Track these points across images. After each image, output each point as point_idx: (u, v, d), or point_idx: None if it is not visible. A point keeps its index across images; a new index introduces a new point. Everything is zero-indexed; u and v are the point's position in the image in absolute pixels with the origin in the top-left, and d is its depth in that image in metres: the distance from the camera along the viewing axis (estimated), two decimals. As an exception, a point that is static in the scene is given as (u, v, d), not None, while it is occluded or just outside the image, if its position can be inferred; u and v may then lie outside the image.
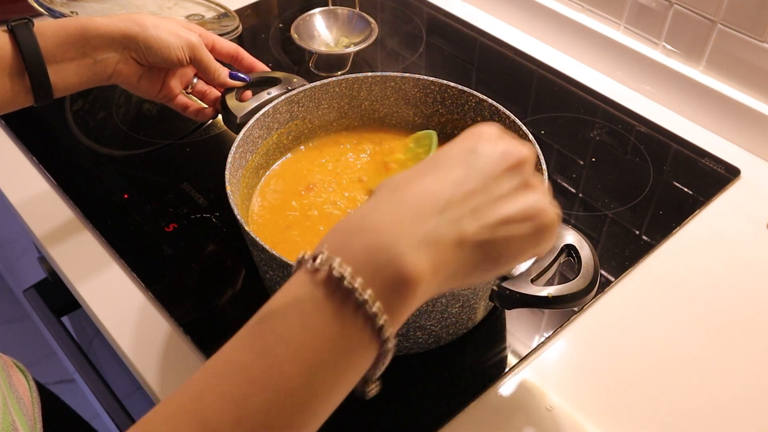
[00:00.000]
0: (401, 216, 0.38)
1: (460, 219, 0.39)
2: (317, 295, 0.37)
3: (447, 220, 0.39)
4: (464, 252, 0.39)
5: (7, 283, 1.81)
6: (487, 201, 0.40)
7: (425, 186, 0.40)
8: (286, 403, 0.35)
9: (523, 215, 0.41)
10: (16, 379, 0.65)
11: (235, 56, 0.78)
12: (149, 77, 0.72)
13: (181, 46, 0.70)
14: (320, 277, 0.37)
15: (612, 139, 0.89)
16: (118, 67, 0.69)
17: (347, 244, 0.38)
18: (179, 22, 0.72)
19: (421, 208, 0.39)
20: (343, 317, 0.36)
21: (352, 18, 1.03)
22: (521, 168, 0.42)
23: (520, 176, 0.42)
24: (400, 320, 0.38)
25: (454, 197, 0.40)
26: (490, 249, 0.40)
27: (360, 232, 0.38)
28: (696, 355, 0.67)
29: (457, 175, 0.40)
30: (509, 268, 0.43)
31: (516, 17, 1.08)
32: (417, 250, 0.37)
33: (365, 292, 0.36)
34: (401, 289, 0.37)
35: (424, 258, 0.37)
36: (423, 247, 0.38)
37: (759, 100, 0.87)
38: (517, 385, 0.65)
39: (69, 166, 0.86)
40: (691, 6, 0.87)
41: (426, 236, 0.38)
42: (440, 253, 0.38)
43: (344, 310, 0.36)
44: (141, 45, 0.68)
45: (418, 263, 0.37)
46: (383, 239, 0.37)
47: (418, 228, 0.38)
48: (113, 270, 0.74)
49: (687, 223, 0.79)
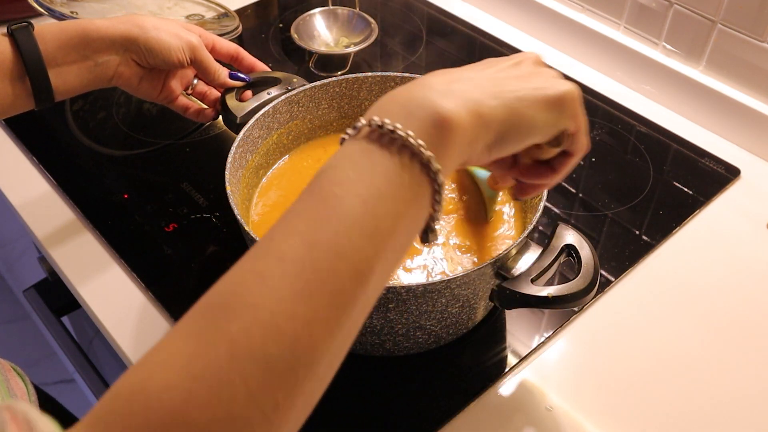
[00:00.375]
0: (428, 83, 0.42)
1: (483, 83, 0.43)
2: (363, 145, 0.39)
3: (472, 84, 0.42)
4: (495, 106, 0.42)
5: (7, 283, 1.81)
6: (508, 76, 0.44)
7: (446, 74, 0.44)
8: (353, 232, 0.36)
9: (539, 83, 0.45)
10: (14, 383, 0.65)
11: (235, 56, 0.78)
12: (150, 79, 0.72)
13: (182, 47, 0.70)
14: (363, 133, 0.39)
15: (612, 139, 0.89)
16: (119, 69, 0.69)
17: (382, 109, 0.40)
18: (179, 24, 0.72)
19: (446, 76, 0.43)
20: (390, 156, 0.38)
21: (352, 18, 1.03)
22: (538, 62, 0.47)
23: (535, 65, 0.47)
24: (447, 159, 0.40)
25: (476, 74, 0.44)
26: (517, 107, 0.43)
27: (392, 99, 0.41)
28: (696, 355, 0.67)
29: (476, 67, 0.46)
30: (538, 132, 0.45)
31: (516, 17, 1.08)
32: (448, 96, 0.40)
33: (406, 131, 0.38)
34: (439, 127, 0.39)
35: (454, 102, 0.40)
36: (453, 95, 0.40)
37: (759, 100, 0.87)
38: (517, 385, 0.65)
39: (69, 166, 0.86)
40: (691, 6, 0.87)
41: (455, 90, 0.41)
42: (471, 103, 0.41)
43: (390, 150, 0.38)
44: (142, 47, 0.68)
45: (451, 105, 0.40)
46: (414, 95, 0.40)
47: (446, 86, 0.41)
48: (113, 270, 0.74)
49: (687, 223, 0.79)
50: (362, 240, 0.36)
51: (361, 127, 0.39)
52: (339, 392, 0.64)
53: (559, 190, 0.82)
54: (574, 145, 0.48)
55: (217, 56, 0.76)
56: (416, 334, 0.62)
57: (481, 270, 0.56)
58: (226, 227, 0.77)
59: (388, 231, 0.37)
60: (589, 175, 0.84)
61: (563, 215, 0.80)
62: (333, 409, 0.63)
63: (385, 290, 0.55)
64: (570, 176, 0.84)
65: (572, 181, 0.83)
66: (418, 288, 0.55)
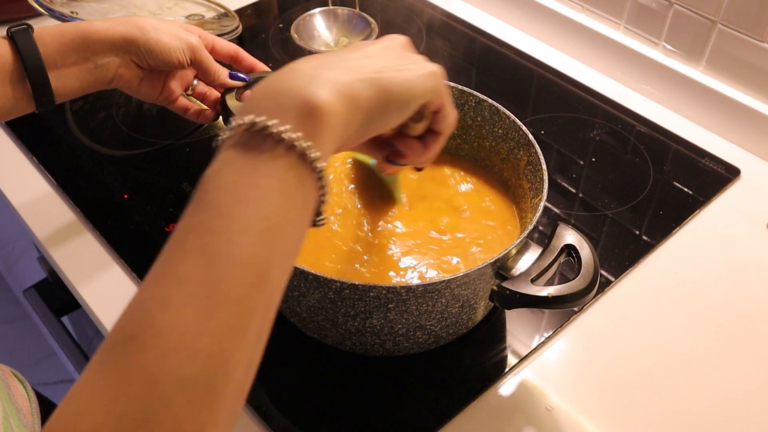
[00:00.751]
0: (297, 70, 0.42)
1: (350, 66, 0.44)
2: (240, 146, 0.38)
3: (341, 68, 0.43)
4: (363, 87, 0.43)
5: (7, 283, 1.81)
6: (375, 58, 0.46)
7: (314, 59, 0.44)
8: (245, 238, 0.36)
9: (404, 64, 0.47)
10: (15, 389, 0.64)
11: (234, 57, 0.78)
12: (150, 80, 0.72)
13: (182, 48, 0.70)
14: (238, 133, 0.39)
15: (612, 139, 0.89)
16: (119, 71, 0.69)
17: (254, 106, 0.40)
18: (178, 24, 0.72)
19: (314, 61, 0.43)
20: (269, 153, 0.38)
21: (352, 18, 1.03)
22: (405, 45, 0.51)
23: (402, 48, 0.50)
24: (324, 145, 0.40)
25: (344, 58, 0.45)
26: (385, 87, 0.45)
27: (262, 93, 0.41)
28: (696, 354, 0.67)
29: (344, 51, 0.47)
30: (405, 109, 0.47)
31: (516, 17, 1.08)
32: (317, 82, 0.41)
33: (279, 127, 0.38)
34: (312, 115, 0.39)
35: (324, 88, 0.40)
36: (322, 81, 0.41)
37: (759, 100, 0.87)
38: (517, 385, 0.65)
39: (69, 167, 0.86)
40: (691, 6, 0.87)
41: (324, 75, 0.41)
42: (341, 86, 0.41)
43: (267, 147, 0.38)
44: (142, 48, 0.68)
45: (321, 92, 0.40)
46: (283, 85, 0.41)
47: (315, 71, 0.42)
48: (113, 270, 0.74)
49: (687, 223, 0.79)
50: (256, 243, 0.36)
51: (235, 128, 0.39)
52: (339, 392, 0.64)
53: (559, 190, 0.83)
54: (441, 123, 0.53)
55: (216, 57, 0.76)
56: (416, 334, 0.62)
57: (481, 270, 0.56)
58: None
59: (278, 228, 0.37)
60: (589, 175, 0.84)
61: (563, 215, 0.80)
62: (333, 409, 0.63)
63: (385, 290, 0.55)
64: (570, 176, 0.84)
65: (572, 181, 0.83)
66: (418, 288, 0.55)
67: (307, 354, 0.67)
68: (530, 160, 0.67)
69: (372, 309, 0.57)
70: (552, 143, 0.88)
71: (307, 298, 0.59)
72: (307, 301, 0.60)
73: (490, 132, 0.72)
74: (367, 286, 0.55)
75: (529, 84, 0.98)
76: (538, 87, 0.98)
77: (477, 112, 0.73)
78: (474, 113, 0.73)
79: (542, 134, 0.89)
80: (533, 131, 0.75)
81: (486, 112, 0.72)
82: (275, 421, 0.62)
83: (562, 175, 0.84)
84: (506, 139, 0.71)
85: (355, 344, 0.63)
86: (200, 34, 0.74)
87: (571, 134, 0.90)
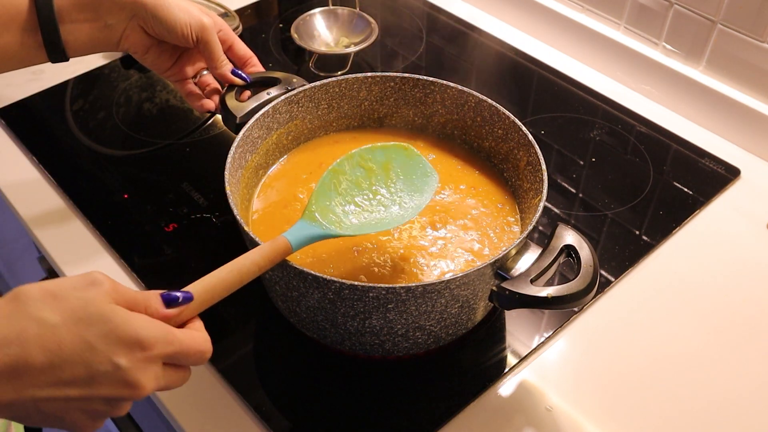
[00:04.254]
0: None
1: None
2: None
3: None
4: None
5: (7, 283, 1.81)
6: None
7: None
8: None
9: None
10: None
11: (246, 62, 0.78)
12: (158, 51, 0.73)
13: (189, 23, 0.71)
14: None
15: (612, 139, 0.89)
16: (126, 33, 0.70)
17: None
18: (200, 7, 0.73)
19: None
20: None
21: (352, 18, 1.03)
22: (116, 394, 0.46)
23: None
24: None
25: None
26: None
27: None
28: (696, 355, 0.67)
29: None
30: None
31: (516, 17, 1.08)
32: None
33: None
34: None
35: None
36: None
37: (759, 100, 0.87)
38: (516, 385, 0.65)
39: (69, 166, 0.86)
40: (691, 6, 0.87)
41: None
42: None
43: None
44: (148, 14, 0.69)
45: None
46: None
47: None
48: (113, 270, 0.74)
49: (687, 223, 0.79)
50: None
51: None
52: (338, 392, 0.64)
53: (559, 190, 0.83)
54: None
55: (231, 55, 0.76)
56: (416, 335, 0.62)
57: (481, 270, 0.56)
58: (226, 227, 0.77)
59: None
60: (589, 175, 0.84)
61: (563, 215, 0.80)
62: (332, 409, 0.63)
63: (385, 291, 0.55)
64: (570, 176, 0.84)
65: (572, 181, 0.83)
66: (417, 288, 0.55)
67: (306, 354, 0.67)
68: (530, 160, 0.67)
69: (371, 309, 0.57)
70: (552, 143, 0.88)
71: (306, 299, 0.59)
72: (306, 301, 0.60)
73: (490, 132, 0.72)
74: (367, 287, 0.55)
75: (529, 84, 0.98)
76: (538, 87, 0.98)
77: (477, 112, 0.73)
78: (474, 113, 0.73)
79: (542, 134, 0.89)
80: (533, 131, 0.75)
81: (486, 112, 0.72)
82: (275, 421, 0.62)
83: (562, 175, 0.84)
84: (506, 139, 0.71)
85: (355, 344, 0.63)
86: (222, 27, 0.75)
87: (571, 134, 0.90)
